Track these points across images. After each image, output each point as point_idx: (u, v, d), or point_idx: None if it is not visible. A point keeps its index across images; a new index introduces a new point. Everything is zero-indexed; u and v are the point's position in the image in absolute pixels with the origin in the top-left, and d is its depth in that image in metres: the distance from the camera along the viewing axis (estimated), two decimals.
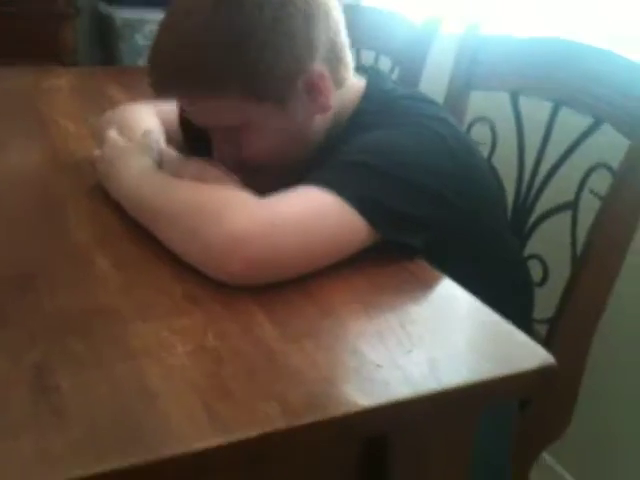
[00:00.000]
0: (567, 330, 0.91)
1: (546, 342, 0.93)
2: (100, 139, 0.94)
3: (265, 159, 0.84)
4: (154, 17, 2.48)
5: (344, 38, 0.87)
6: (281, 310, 0.65)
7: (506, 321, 0.64)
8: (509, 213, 1.07)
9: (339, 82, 0.87)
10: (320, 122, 0.87)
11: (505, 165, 1.10)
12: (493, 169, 1.09)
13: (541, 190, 1.07)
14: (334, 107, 0.86)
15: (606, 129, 0.98)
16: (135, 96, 1.37)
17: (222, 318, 0.63)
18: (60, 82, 1.47)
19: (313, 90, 0.83)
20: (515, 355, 0.60)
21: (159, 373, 0.55)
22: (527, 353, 0.60)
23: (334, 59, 0.85)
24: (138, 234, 0.78)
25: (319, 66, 0.83)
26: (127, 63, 2.50)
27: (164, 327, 0.61)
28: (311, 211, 0.71)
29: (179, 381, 0.54)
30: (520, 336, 0.62)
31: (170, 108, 0.98)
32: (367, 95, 0.90)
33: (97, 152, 0.90)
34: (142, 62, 2.50)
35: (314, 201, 0.71)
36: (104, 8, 2.59)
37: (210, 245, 0.67)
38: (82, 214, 0.84)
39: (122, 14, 2.48)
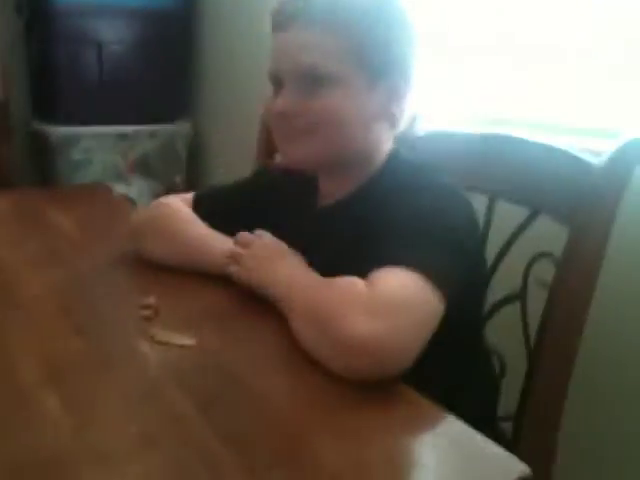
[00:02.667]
0: (531, 427, 0.90)
1: (512, 440, 0.92)
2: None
3: (323, 123, 0.89)
4: (89, 132, 2.50)
5: None
6: (246, 443, 0.62)
7: (478, 433, 0.63)
8: None
9: (398, 122, 0.93)
10: (377, 141, 0.94)
11: None
12: None
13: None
14: (387, 145, 0.94)
15: (544, 218, 1.01)
16: (75, 217, 1.37)
17: (183, 461, 0.60)
18: None
19: (394, 96, 0.91)
20: (490, 471, 0.59)
21: None
22: (503, 467, 0.58)
23: (407, 100, 0.93)
24: (91, 369, 0.75)
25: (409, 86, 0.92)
26: (63, 179, 2.49)
27: (119, 475, 0.57)
28: (412, 297, 0.74)
29: None
30: (494, 448, 0.61)
31: (186, 196, 1.12)
32: (394, 155, 0.96)
33: (237, 248, 0.94)
34: (79, 177, 2.50)
35: (410, 286, 0.74)
36: (38, 125, 2.59)
37: (334, 345, 0.71)
38: (28, 351, 0.80)
39: (57, 131, 2.48)
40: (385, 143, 0.96)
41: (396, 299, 0.74)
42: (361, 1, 0.89)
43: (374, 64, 0.89)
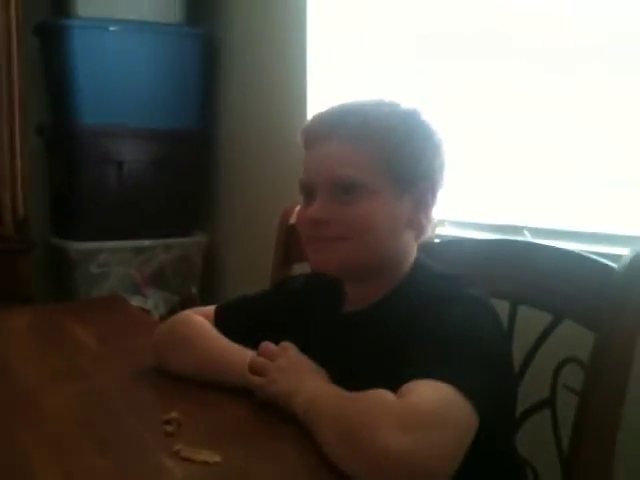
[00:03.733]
0: None
1: None
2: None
3: (357, 229, 0.92)
4: (107, 246, 2.55)
5: None
6: None
7: None
8: None
9: (424, 230, 0.96)
10: (405, 249, 0.96)
11: None
12: None
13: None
14: (413, 253, 0.97)
15: (568, 322, 1.00)
16: (94, 330, 1.37)
17: None
18: (18, 322, 1.45)
19: (422, 206, 0.94)
20: None
21: None
22: None
23: (433, 210, 0.96)
24: None
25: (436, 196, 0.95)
26: (81, 292, 2.51)
27: None
28: (446, 410, 0.73)
29: None
30: None
31: (208, 309, 1.13)
32: (419, 263, 0.98)
33: (260, 359, 0.93)
34: (96, 291, 2.52)
35: (444, 399, 0.73)
36: (57, 241, 2.64)
37: (367, 460, 0.70)
38: (50, 468, 0.78)
39: (75, 246, 2.53)
40: (412, 251, 0.98)
41: (430, 412, 0.72)
42: (391, 119, 0.94)
43: (403, 176, 0.93)
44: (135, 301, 2.47)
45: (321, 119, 0.97)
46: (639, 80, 1.36)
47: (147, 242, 2.65)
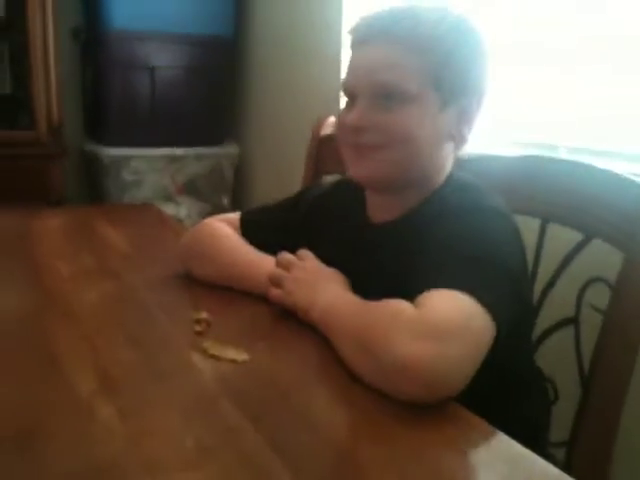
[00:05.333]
0: (584, 453, 0.88)
1: (564, 467, 0.90)
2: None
3: (396, 139, 0.89)
4: (139, 153, 2.56)
5: None
6: (298, 456, 0.62)
7: (532, 454, 0.62)
8: None
9: (464, 143, 0.95)
10: (442, 161, 0.94)
11: None
12: None
13: (538, 308, 1.07)
14: (449, 166, 0.95)
15: (597, 242, 1.00)
16: (126, 234, 1.40)
17: (236, 472, 0.60)
18: (52, 223, 1.48)
19: (465, 117, 0.92)
20: None
21: None
22: None
23: (476, 122, 0.94)
24: (144, 380, 0.76)
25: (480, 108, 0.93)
26: (113, 199, 2.54)
27: None
28: (462, 320, 0.73)
29: None
30: (548, 468, 0.60)
31: (233, 216, 1.13)
32: (453, 177, 0.96)
33: (277, 271, 0.94)
34: (128, 198, 2.55)
35: (461, 308, 0.73)
36: (91, 147, 2.66)
37: (383, 368, 0.71)
38: (81, 361, 0.82)
39: (108, 152, 2.54)
40: (448, 163, 0.96)
41: (446, 321, 0.72)
42: (444, 25, 0.90)
43: (449, 86, 0.90)
44: (168, 209, 2.50)
45: (370, 21, 0.93)
46: None
47: (179, 151, 2.65)
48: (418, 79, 0.88)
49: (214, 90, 2.70)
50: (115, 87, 2.57)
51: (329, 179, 1.36)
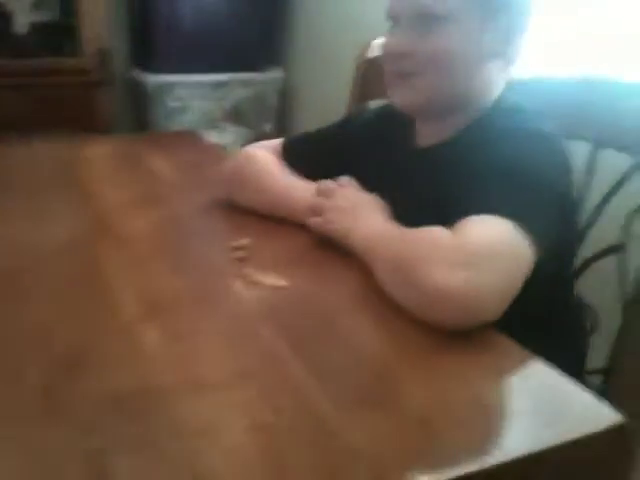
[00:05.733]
0: (621, 383, 0.88)
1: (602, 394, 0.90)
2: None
3: (433, 64, 0.88)
4: (184, 80, 2.55)
5: None
6: (337, 379, 0.64)
7: (569, 380, 0.62)
8: None
9: (512, 61, 0.92)
10: (488, 81, 0.92)
11: None
12: None
13: (584, 234, 1.05)
14: (499, 86, 0.93)
15: None
16: (171, 162, 1.41)
17: (276, 394, 0.62)
18: (99, 151, 1.50)
19: (510, 34, 0.90)
20: (581, 417, 0.58)
21: (216, 454, 0.54)
22: (594, 414, 0.58)
23: (523, 39, 0.91)
24: (188, 305, 0.78)
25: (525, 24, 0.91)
26: (160, 125, 2.55)
27: (217, 405, 0.60)
28: (500, 246, 0.73)
29: (236, 462, 0.53)
30: (585, 395, 0.60)
31: (275, 143, 1.13)
32: (501, 100, 0.94)
33: (317, 199, 0.94)
34: (174, 125, 2.56)
35: (500, 234, 0.73)
36: (136, 74, 2.66)
37: (421, 296, 0.71)
38: (130, 286, 0.84)
39: (153, 79, 2.54)
40: (496, 83, 0.94)
41: (484, 248, 0.72)
42: None
43: (492, 2, 0.88)
44: (213, 136, 2.51)
45: None
46: None
47: (223, 77, 2.63)
48: None
49: (259, 15, 2.65)
50: (160, 13, 2.54)
51: (375, 104, 1.34)
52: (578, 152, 1.04)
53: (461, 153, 0.89)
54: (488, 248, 0.72)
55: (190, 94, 2.59)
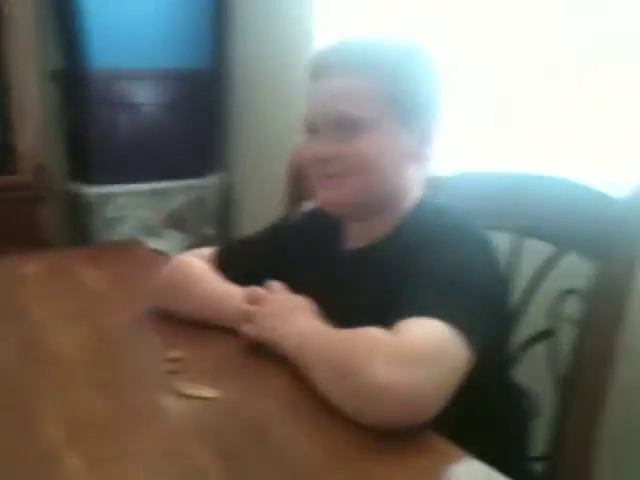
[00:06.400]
0: (564, 465, 0.87)
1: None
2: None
3: (357, 166, 0.91)
4: (123, 190, 2.57)
5: None
6: None
7: None
8: None
9: (428, 163, 0.96)
10: (408, 183, 0.95)
11: None
12: None
13: (515, 323, 1.06)
14: (417, 189, 0.96)
15: (571, 255, 1.00)
16: (107, 275, 1.40)
17: None
18: (34, 268, 1.47)
19: (425, 138, 0.94)
20: None
21: None
22: None
23: (436, 143, 0.95)
24: (115, 426, 0.75)
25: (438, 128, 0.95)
26: (99, 236, 2.54)
27: None
28: (438, 346, 0.74)
29: None
30: None
31: (207, 251, 1.13)
32: (424, 200, 0.97)
33: (247, 306, 0.94)
34: (114, 235, 2.55)
35: (437, 335, 0.74)
36: (73, 187, 2.66)
37: (359, 393, 0.71)
38: (53, 410, 0.81)
39: (92, 190, 2.54)
40: (415, 186, 0.97)
41: (423, 347, 0.73)
42: (392, 49, 0.94)
43: (406, 108, 0.92)
44: (152, 243, 2.50)
45: (322, 54, 0.96)
46: None
47: (162, 184, 2.65)
48: (374, 106, 0.90)
49: (196, 123, 2.70)
50: (97, 125, 2.56)
51: (308, 205, 1.36)
52: (503, 242, 1.08)
53: (393, 256, 0.91)
54: (427, 347, 0.73)
55: (129, 203, 2.59)
